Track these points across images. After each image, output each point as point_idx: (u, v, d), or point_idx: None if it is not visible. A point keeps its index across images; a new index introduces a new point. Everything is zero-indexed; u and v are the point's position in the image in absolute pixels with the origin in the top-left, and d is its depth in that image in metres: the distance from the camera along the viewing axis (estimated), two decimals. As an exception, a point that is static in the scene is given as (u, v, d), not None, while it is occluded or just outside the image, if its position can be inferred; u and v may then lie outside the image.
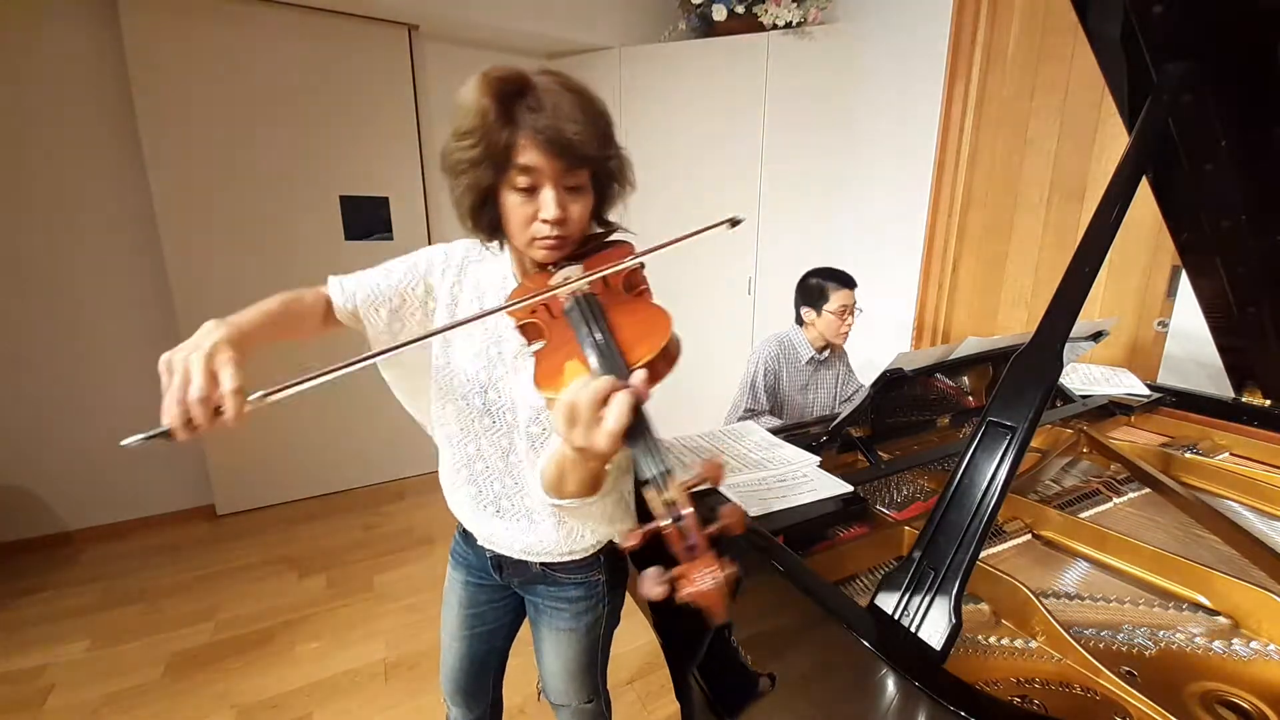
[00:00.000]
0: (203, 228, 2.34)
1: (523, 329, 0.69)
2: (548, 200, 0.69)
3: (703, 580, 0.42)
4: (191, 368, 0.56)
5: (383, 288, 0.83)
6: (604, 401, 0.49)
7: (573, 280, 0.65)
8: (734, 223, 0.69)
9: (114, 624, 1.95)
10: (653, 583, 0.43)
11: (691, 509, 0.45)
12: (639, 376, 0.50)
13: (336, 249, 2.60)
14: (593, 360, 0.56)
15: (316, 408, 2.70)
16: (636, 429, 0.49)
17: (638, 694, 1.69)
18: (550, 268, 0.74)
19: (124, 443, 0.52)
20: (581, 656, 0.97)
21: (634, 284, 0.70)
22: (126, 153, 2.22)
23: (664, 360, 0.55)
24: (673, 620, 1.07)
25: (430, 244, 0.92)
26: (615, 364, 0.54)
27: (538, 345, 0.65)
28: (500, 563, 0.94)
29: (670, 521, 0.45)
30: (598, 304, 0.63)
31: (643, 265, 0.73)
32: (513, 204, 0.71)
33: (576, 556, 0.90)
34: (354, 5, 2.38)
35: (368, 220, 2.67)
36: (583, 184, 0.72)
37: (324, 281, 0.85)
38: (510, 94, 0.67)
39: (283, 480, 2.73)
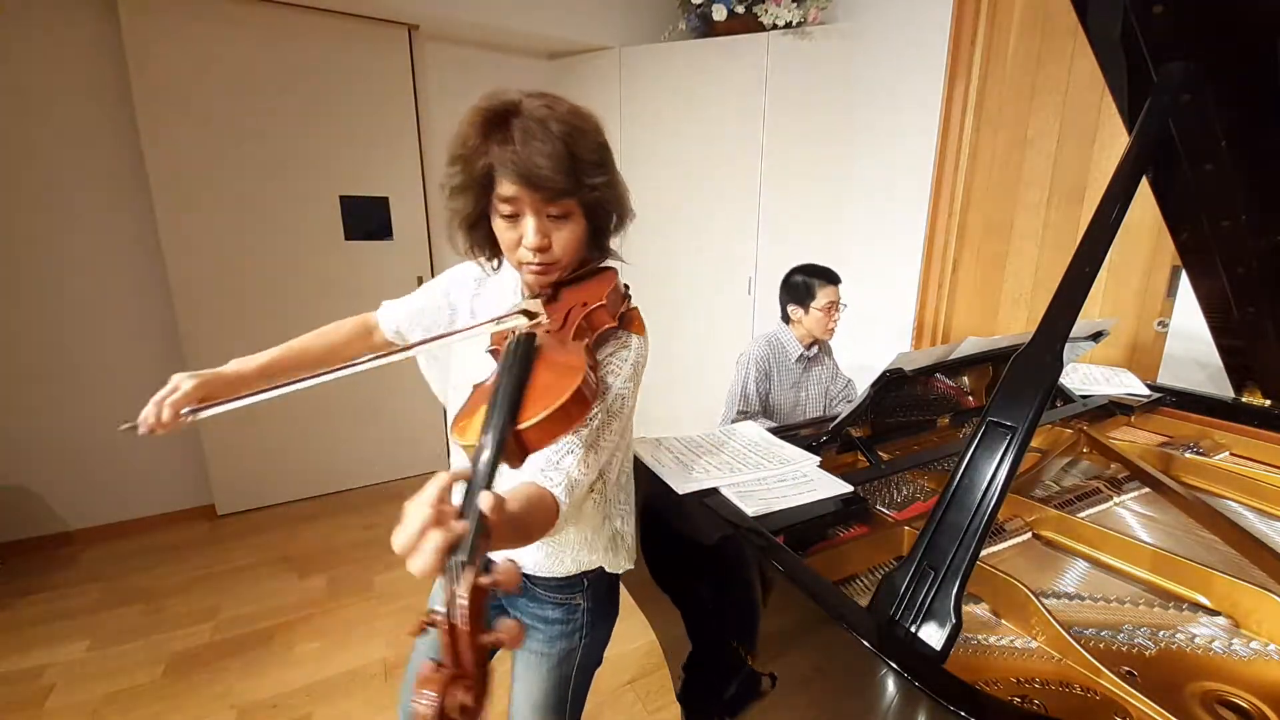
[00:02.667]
0: (202, 227, 2.34)
1: (492, 354, 0.72)
2: (529, 229, 0.71)
3: (429, 702, 0.38)
4: (173, 380, 0.74)
5: (413, 309, 0.92)
6: (425, 533, 0.46)
7: (512, 314, 0.68)
8: (529, 315, 0.69)
9: (114, 624, 1.95)
10: (423, 673, 0.39)
11: (467, 615, 0.41)
12: (486, 501, 0.47)
13: (336, 249, 2.60)
14: (491, 411, 0.56)
15: (316, 408, 2.70)
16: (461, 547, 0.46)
17: (637, 694, 1.69)
18: (542, 293, 0.77)
19: (120, 428, 0.73)
20: (550, 690, 0.92)
21: (595, 323, 0.71)
22: (126, 152, 2.21)
23: (556, 420, 0.56)
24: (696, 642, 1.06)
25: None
26: (502, 422, 0.54)
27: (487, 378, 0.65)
28: (489, 565, 0.94)
29: (444, 616, 0.42)
30: (529, 346, 0.63)
31: (627, 299, 0.75)
32: (500, 229, 0.74)
33: (558, 574, 0.88)
34: (354, 5, 2.38)
35: (367, 220, 2.66)
36: (568, 212, 0.72)
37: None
38: (490, 123, 0.68)
39: (283, 480, 2.73)
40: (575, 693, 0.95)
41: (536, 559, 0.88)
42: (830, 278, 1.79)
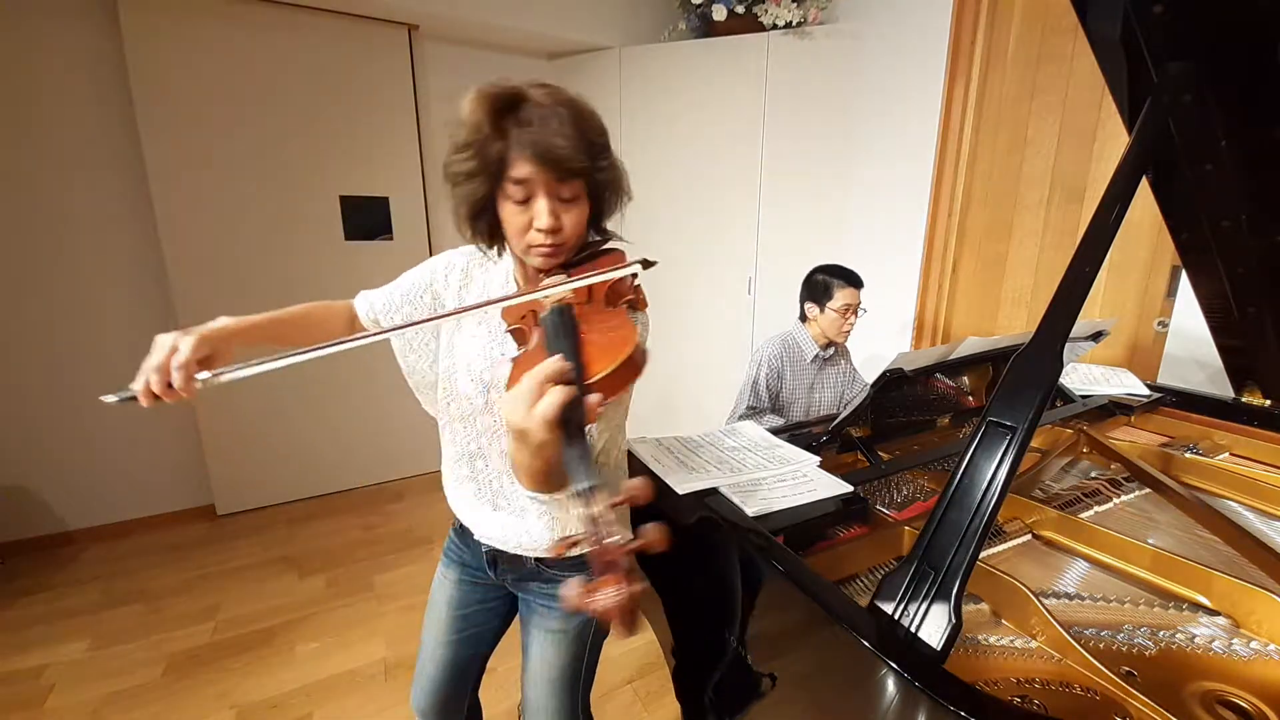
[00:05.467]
0: (202, 228, 2.34)
1: (513, 333, 0.73)
2: (541, 210, 0.71)
3: (607, 597, 0.43)
4: (162, 342, 0.64)
5: (395, 300, 0.90)
6: (545, 386, 0.52)
7: (553, 287, 0.68)
8: (646, 264, 0.71)
9: (114, 624, 1.94)
10: (571, 591, 0.44)
11: (612, 525, 0.46)
12: (593, 398, 0.53)
13: (336, 249, 2.60)
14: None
15: (316, 407, 2.70)
16: (571, 433, 0.51)
17: (637, 694, 1.69)
18: (544, 276, 0.76)
19: (102, 398, 0.62)
20: (567, 665, 0.95)
21: (619, 294, 0.73)
22: (126, 152, 2.21)
23: (621, 375, 0.57)
24: (690, 640, 1.07)
25: (429, 244, 0.95)
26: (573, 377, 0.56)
27: (522, 351, 0.67)
28: (496, 558, 0.95)
29: (590, 536, 0.46)
30: (571, 315, 0.64)
31: (635, 277, 0.75)
32: (509, 213, 0.74)
33: (571, 553, 0.90)
34: (354, 5, 2.38)
35: (368, 220, 2.66)
36: (577, 194, 0.73)
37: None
38: (502, 109, 0.69)
39: (283, 480, 2.73)
40: (588, 668, 0.98)
41: (545, 541, 0.88)
42: (851, 280, 1.78)
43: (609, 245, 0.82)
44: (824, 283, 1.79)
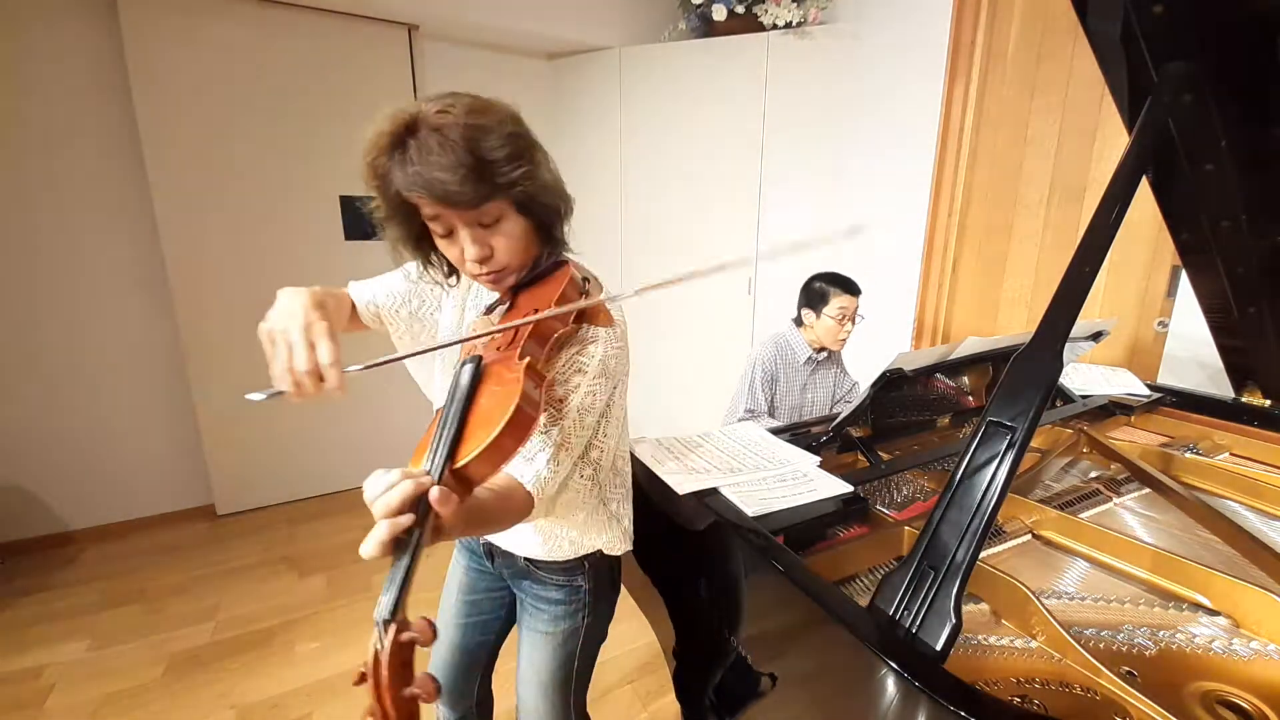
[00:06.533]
0: (203, 228, 2.34)
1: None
2: (465, 241, 0.69)
3: None
4: (294, 340, 0.59)
5: (401, 291, 0.87)
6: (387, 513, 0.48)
7: (479, 331, 0.67)
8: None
9: (114, 624, 1.94)
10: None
11: (392, 665, 0.44)
12: (434, 495, 0.49)
13: (336, 249, 2.60)
14: (435, 440, 0.56)
15: (316, 408, 2.70)
16: (399, 555, 0.48)
17: (637, 694, 1.69)
18: (503, 301, 0.76)
19: (248, 396, 0.59)
20: (555, 669, 0.95)
21: (543, 333, 0.68)
22: (126, 153, 2.21)
23: (494, 452, 0.54)
24: (691, 639, 1.07)
25: None
26: (440, 452, 0.54)
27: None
28: (492, 551, 0.96)
29: (370, 671, 0.44)
30: (473, 373, 0.62)
31: (586, 293, 0.74)
32: (442, 246, 0.72)
33: (560, 558, 0.90)
34: (354, 5, 2.38)
35: (367, 220, 2.65)
36: (500, 214, 0.69)
37: (328, 279, 0.85)
38: (392, 145, 0.65)
39: (283, 480, 2.73)
40: (580, 670, 0.98)
41: (536, 545, 0.89)
42: (849, 288, 1.77)
43: (559, 259, 0.78)
44: (820, 290, 1.78)
